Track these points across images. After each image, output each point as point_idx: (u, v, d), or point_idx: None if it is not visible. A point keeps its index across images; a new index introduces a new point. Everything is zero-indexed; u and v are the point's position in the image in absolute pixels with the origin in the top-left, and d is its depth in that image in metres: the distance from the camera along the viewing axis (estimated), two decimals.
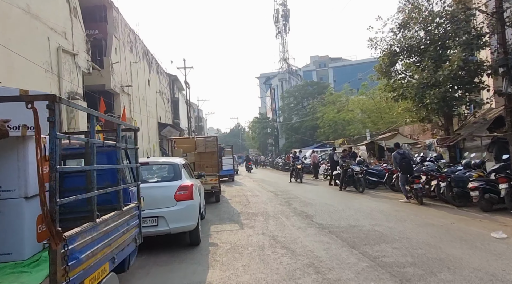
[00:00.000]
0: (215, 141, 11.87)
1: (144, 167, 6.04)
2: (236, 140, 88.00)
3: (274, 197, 12.00)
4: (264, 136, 52.15)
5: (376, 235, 5.98)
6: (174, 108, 39.08)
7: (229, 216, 8.78)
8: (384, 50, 15.10)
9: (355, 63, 60.58)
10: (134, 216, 3.29)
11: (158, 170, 6.23)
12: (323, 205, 9.73)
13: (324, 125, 32.17)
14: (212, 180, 10.99)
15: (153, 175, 6.18)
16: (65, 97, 12.71)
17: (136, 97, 22.97)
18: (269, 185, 17.18)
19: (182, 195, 5.55)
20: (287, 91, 49.29)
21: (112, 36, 18.78)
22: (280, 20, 62.59)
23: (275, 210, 9.20)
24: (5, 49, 9.26)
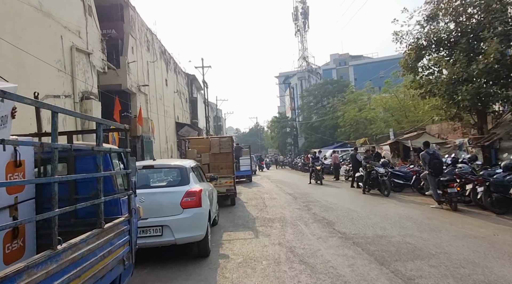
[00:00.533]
0: (230, 141, 11.34)
1: (149, 170, 5.56)
2: (255, 140, 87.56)
3: (292, 201, 11.36)
4: (283, 136, 51.42)
5: (408, 248, 5.27)
6: (192, 108, 38.95)
7: (244, 221, 8.21)
8: (410, 44, 14.19)
9: (377, 61, 58.92)
10: (122, 233, 2.77)
11: (164, 173, 5.73)
12: (345, 210, 9.02)
13: (345, 124, 31.20)
14: (227, 182, 10.46)
15: (158, 179, 5.69)
16: (79, 97, 12.49)
17: (153, 97, 22.78)
18: (288, 186, 16.53)
19: (189, 202, 5.03)
20: (306, 90, 48.37)
21: (128, 35, 18.60)
22: (299, 18, 61.65)
23: (293, 216, 8.56)
24: (15, 48, 9.03)
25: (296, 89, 56.62)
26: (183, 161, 5.89)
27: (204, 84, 36.16)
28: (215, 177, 7.45)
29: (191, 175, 5.51)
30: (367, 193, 12.17)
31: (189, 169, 5.56)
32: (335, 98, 38.33)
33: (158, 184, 5.49)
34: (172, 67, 29.52)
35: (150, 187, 5.26)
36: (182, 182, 5.29)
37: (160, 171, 5.71)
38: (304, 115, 46.68)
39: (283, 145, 52.78)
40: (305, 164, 29.37)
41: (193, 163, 6.27)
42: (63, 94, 11.42)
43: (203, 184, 6.15)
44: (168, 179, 5.61)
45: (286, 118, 53.80)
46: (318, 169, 16.68)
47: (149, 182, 5.44)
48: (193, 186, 5.29)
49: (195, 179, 5.59)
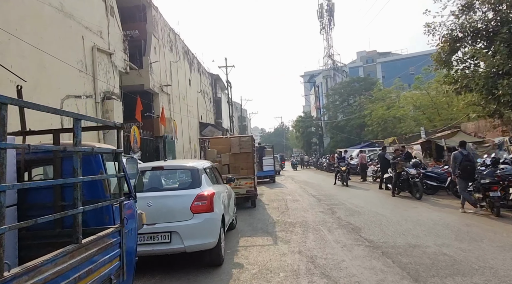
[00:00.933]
0: (251, 141, 10.92)
1: (158, 172, 5.23)
2: (280, 140, 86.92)
3: (316, 203, 10.80)
4: (308, 135, 50.52)
5: (446, 261, 4.64)
6: (216, 108, 38.93)
7: (263, 225, 7.76)
8: (443, 36, 13.26)
9: (406, 57, 56.84)
10: (110, 247, 2.41)
11: (174, 175, 5.38)
12: (373, 214, 8.39)
13: (373, 123, 30.12)
14: (247, 183, 10.06)
15: (168, 182, 5.35)
16: (100, 97, 12.49)
17: (176, 97, 22.77)
18: (312, 187, 15.93)
19: (200, 206, 4.65)
20: (332, 88, 47.27)
21: (151, 36, 18.61)
22: (325, 15, 60.44)
23: (316, 220, 8.03)
24: (35, 49, 9.04)
25: (321, 88, 55.54)
26: (196, 162, 5.53)
27: (228, 84, 36.03)
28: (232, 179, 7.06)
29: (203, 177, 5.13)
30: (396, 195, 11.42)
31: (201, 170, 5.18)
32: (362, 96, 37.17)
33: (167, 187, 5.16)
34: (195, 67, 29.53)
35: (159, 190, 4.93)
36: (193, 185, 4.92)
37: (170, 172, 5.38)
38: (329, 114, 45.63)
39: (308, 144, 51.88)
40: (330, 164, 28.54)
41: (207, 164, 5.89)
42: (84, 94, 11.42)
43: (217, 186, 5.77)
44: (178, 181, 5.27)
45: (311, 118, 52.86)
46: (343, 169, 15.85)
47: (157, 184, 5.11)
48: (204, 189, 4.91)
49: (207, 181, 5.21)
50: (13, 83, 8.49)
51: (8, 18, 8.38)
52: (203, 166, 5.41)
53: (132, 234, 3.18)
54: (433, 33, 13.66)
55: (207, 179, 5.24)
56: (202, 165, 5.45)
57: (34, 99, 9.38)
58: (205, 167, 5.54)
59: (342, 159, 16.72)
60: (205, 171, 5.38)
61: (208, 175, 5.50)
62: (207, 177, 5.29)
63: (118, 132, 2.90)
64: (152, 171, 5.10)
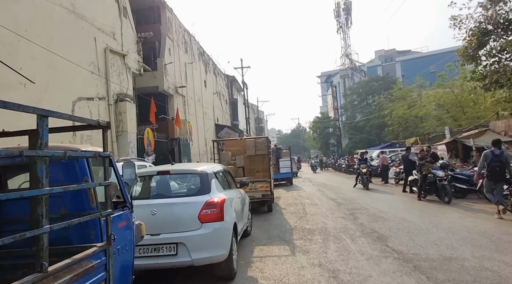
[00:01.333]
0: (266, 142, 10.45)
1: (164, 177, 4.82)
2: (297, 141, 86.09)
3: (336, 207, 10.22)
4: (325, 136, 49.62)
5: (489, 278, 4.04)
6: (232, 110, 38.67)
7: (280, 232, 7.27)
8: (471, 29, 12.46)
9: (427, 55, 55.18)
10: (92, 271, 2.00)
11: (181, 180, 4.96)
12: (399, 220, 7.76)
13: (393, 123, 29.15)
14: (263, 186, 9.58)
15: (174, 187, 4.94)
16: (113, 99, 12.30)
17: (192, 99, 22.56)
18: (331, 190, 15.31)
19: (209, 215, 4.21)
20: (349, 88, 46.27)
21: (165, 37, 18.44)
22: (342, 14, 59.43)
23: (336, 226, 7.48)
24: (46, 51, 8.87)
25: (338, 88, 54.53)
26: (206, 165, 5.10)
27: (244, 85, 35.70)
28: (246, 182, 6.61)
29: (213, 182, 4.70)
30: (422, 199, 10.70)
31: (211, 174, 4.75)
32: (381, 95, 36.12)
33: (174, 193, 4.75)
34: (211, 69, 29.32)
35: (164, 197, 4.52)
36: (202, 191, 4.49)
37: (177, 177, 4.96)
38: (347, 114, 44.67)
39: (326, 145, 50.97)
40: (349, 165, 27.75)
41: (218, 167, 5.46)
42: (96, 96, 11.24)
43: (229, 191, 5.32)
44: (186, 187, 4.86)
45: (328, 118, 51.96)
46: (364, 171, 14.85)
47: (163, 190, 4.71)
48: (214, 195, 4.47)
49: (218, 187, 4.77)
50: (23, 85, 8.35)
51: (18, 19, 8.23)
52: (213, 170, 4.97)
53: (127, 249, 2.78)
54: (459, 27, 12.89)
55: (217, 184, 4.80)
56: (212, 169, 5.02)
57: (45, 101, 9.20)
58: (215, 170, 5.10)
59: (363, 160, 15.71)
60: (215, 175, 4.94)
61: (219, 180, 5.06)
62: (217, 182, 4.86)
63: (103, 132, 2.49)
64: (157, 176, 4.72)
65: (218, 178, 5.02)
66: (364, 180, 14.75)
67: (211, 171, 4.85)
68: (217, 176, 5.04)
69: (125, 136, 12.34)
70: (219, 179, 5.10)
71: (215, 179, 4.84)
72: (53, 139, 7.32)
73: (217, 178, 4.97)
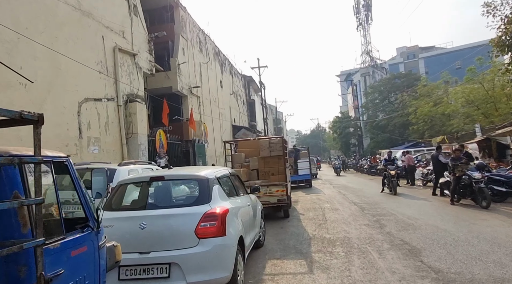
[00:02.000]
0: (282, 142, 9.69)
1: (158, 184, 4.18)
2: (316, 142, 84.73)
3: (359, 213, 9.36)
4: (346, 136, 48.24)
5: None
6: (250, 111, 38.06)
7: (297, 242, 6.52)
8: (506, 16, 11.36)
9: (452, 51, 52.92)
10: None
11: (178, 187, 4.29)
12: (432, 229, 6.86)
13: (418, 121, 27.73)
14: (279, 190, 8.84)
15: (170, 196, 4.28)
16: (123, 100, 11.87)
17: (207, 100, 22.07)
18: (353, 193, 14.38)
19: (208, 229, 3.54)
20: (371, 86, 44.75)
21: (179, 36, 18.00)
22: (361, 10, 57.96)
23: (360, 236, 6.66)
24: (50, 50, 8.47)
25: (359, 86, 52.99)
26: (209, 169, 4.42)
27: (261, 85, 35.02)
28: (257, 188, 5.90)
29: (215, 189, 4.02)
30: (456, 203, 9.69)
31: (212, 180, 4.07)
32: (405, 93, 34.60)
33: (168, 203, 4.08)
34: (227, 69, 28.81)
35: (157, 207, 3.88)
36: (201, 200, 3.82)
37: (173, 183, 4.28)
38: (369, 113, 43.19)
39: (346, 146, 49.56)
40: (372, 166, 26.59)
41: (223, 171, 4.77)
42: (105, 97, 10.82)
43: (235, 199, 4.63)
44: (183, 195, 4.19)
45: (349, 118, 50.51)
46: (392, 173, 12.95)
47: (156, 199, 4.07)
48: (216, 205, 3.79)
49: (221, 194, 4.09)
50: (23, 86, 7.93)
51: (18, 16, 7.82)
52: (215, 175, 4.29)
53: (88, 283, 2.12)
54: (493, 14, 11.79)
55: (220, 191, 4.12)
56: (215, 174, 4.34)
57: (48, 102, 8.78)
58: (219, 175, 4.42)
59: (390, 161, 13.99)
60: (218, 181, 4.26)
61: (223, 186, 4.38)
62: (220, 189, 4.17)
63: (34, 129, 1.83)
64: (150, 183, 4.08)
65: (221, 184, 4.33)
66: (393, 184, 12.85)
67: (213, 176, 4.17)
68: (221, 182, 4.36)
69: (135, 139, 11.88)
70: (223, 185, 4.42)
71: (217, 185, 4.16)
72: (57, 143, 6.72)
73: (220, 183, 4.29)
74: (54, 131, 8.49)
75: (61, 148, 8.65)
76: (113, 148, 11.00)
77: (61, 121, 8.77)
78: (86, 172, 7.07)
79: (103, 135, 10.55)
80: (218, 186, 4.16)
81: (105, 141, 10.58)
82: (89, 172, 7.43)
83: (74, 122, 9.25)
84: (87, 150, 9.73)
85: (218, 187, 4.16)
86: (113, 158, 10.76)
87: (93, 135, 10.01)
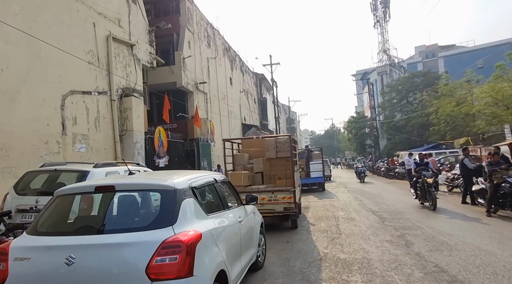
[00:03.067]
0: (289, 141, 8.46)
1: (104, 197, 3.02)
2: (331, 143, 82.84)
3: (379, 224, 8.06)
4: (361, 137, 46.49)
5: None
6: (262, 109, 36.90)
7: (304, 264, 5.31)
8: None
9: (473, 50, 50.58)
10: None
11: (132, 202, 3.08)
12: (473, 250, 5.55)
13: (439, 121, 26.05)
14: (285, 197, 7.64)
15: (121, 214, 3.07)
16: (118, 94, 10.86)
17: (215, 96, 21.00)
18: (370, 199, 13.02)
19: (166, 267, 2.39)
20: (388, 85, 42.95)
21: (184, 29, 16.96)
22: (379, 7, 56.02)
23: (383, 257, 5.40)
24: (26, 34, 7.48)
25: (375, 85, 51.14)
26: (181, 176, 3.22)
27: (273, 82, 33.79)
28: (254, 197, 4.71)
29: (186, 205, 2.85)
30: (493, 215, 8.30)
31: (182, 191, 2.90)
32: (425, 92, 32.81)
33: (114, 225, 2.89)
34: (237, 65, 27.70)
35: (96, 231, 2.74)
36: (161, 221, 2.66)
37: (126, 196, 3.08)
38: (385, 113, 41.40)
39: (362, 147, 47.76)
40: (389, 168, 25.04)
41: (204, 178, 3.57)
42: (95, 90, 9.81)
43: (220, 216, 3.45)
44: (136, 214, 2.99)
45: (364, 118, 48.70)
46: (430, 182, 9.55)
47: (96, 221, 2.92)
48: (183, 229, 2.63)
49: (195, 211, 2.92)
50: None
51: None
52: (190, 183, 3.12)
53: None
54: None
55: (193, 207, 2.94)
56: (190, 182, 3.16)
57: (22, 93, 7.63)
58: (196, 184, 3.24)
59: (423, 165, 10.63)
60: (193, 191, 3.09)
61: (202, 198, 3.21)
62: (194, 204, 2.99)
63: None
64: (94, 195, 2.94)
65: (198, 196, 3.16)
66: (432, 196, 9.48)
67: (184, 186, 3.00)
68: (198, 193, 3.18)
69: (130, 136, 10.86)
70: (202, 197, 3.26)
71: (190, 198, 2.98)
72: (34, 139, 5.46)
73: (196, 195, 3.11)
74: (30, 126, 7.51)
75: (39, 145, 7.68)
76: (104, 146, 9.99)
77: (39, 115, 7.78)
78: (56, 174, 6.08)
79: (93, 132, 9.54)
80: (191, 199, 2.98)
81: (95, 138, 9.58)
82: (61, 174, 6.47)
83: (56, 116, 8.25)
84: (72, 148, 8.73)
85: (192, 200, 2.99)
86: (105, 157, 9.75)
87: (79, 132, 9.01)
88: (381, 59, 55.66)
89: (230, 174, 8.41)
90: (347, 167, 52.76)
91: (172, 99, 16.33)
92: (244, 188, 7.86)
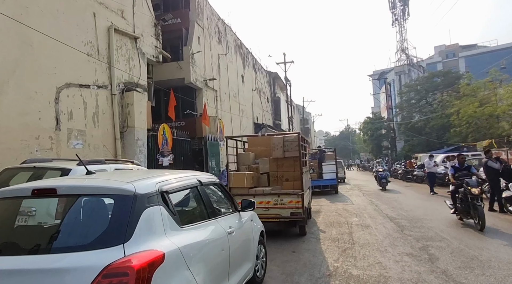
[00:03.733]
0: (298, 140, 7.70)
1: (44, 202, 2.36)
2: (346, 144, 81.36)
3: (397, 234, 7.24)
4: (377, 138, 45.11)
5: None
6: (275, 109, 36.15)
7: (309, 282, 4.58)
8: None
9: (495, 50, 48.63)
10: None
11: (76, 212, 2.36)
12: (509, 268, 4.71)
13: (461, 123, 24.81)
14: (292, 201, 6.91)
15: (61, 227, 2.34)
16: (119, 89, 10.34)
17: (226, 94, 20.38)
18: (387, 204, 12.13)
19: None
20: (406, 85, 41.55)
21: (194, 24, 16.39)
22: (398, 5, 54.63)
23: (403, 276, 4.62)
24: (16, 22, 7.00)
25: (393, 85, 49.71)
26: (149, 177, 2.55)
27: (287, 81, 33.00)
28: (251, 203, 4.02)
29: (148, 215, 2.18)
30: None
31: (143, 197, 2.22)
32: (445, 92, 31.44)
33: (48, 243, 2.18)
34: (250, 63, 27.04)
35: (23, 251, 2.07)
36: (109, 237, 1.99)
37: (69, 203, 2.37)
38: (403, 114, 40.07)
39: (378, 148, 46.39)
40: (407, 171, 23.91)
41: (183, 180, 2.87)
42: (94, 83, 9.29)
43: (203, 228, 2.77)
44: (80, 227, 2.29)
45: (381, 119, 47.32)
46: (475, 192, 7.26)
47: (28, 236, 2.24)
48: (138, 248, 1.96)
49: (157, 224, 2.24)
50: None
51: None
52: (159, 187, 2.42)
53: None
54: None
55: (158, 218, 2.26)
56: (160, 184, 2.47)
57: (11, 84, 7.10)
58: (168, 187, 2.54)
59: (463, 169, 8.25)
60: (164, 197, 2.40)
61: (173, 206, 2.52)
62: (163, 213, 2.30)
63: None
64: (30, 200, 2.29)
65: (169, 203, 2.48)
66: (479, 211, 7.12)
67: (151, 189, 2.31)
68: (168, 199, 2.49)
69: (131, 133, 10.32)
70: (178, 203, 2.58)
71: (157, 205, 2.31)
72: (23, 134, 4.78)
73: (166, 202, 2.44)
74: (19, 120, 7.01)
75: (29, 140, 7.17)
76: (103, 143, 9.46)
77: (30, 109, 7.28)
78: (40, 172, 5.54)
79: (90, 127, 9.03)
80: (157, 207, 2.31)
81: (92, 134, 9.06)
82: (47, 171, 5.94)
83: (49, 110, 7.75)
84: (67, 144, 8.22)
85: (159, 209, 2.31)
86: (103, 154, 9.21)
87: (75, 127, 8.50)
88: (399, 59, 54.23)
89: (232, 174, 7.73)
90: (362, 169, 51.46)
91: (180, 96, 15.79)
92: (248, 190, 7.20)
